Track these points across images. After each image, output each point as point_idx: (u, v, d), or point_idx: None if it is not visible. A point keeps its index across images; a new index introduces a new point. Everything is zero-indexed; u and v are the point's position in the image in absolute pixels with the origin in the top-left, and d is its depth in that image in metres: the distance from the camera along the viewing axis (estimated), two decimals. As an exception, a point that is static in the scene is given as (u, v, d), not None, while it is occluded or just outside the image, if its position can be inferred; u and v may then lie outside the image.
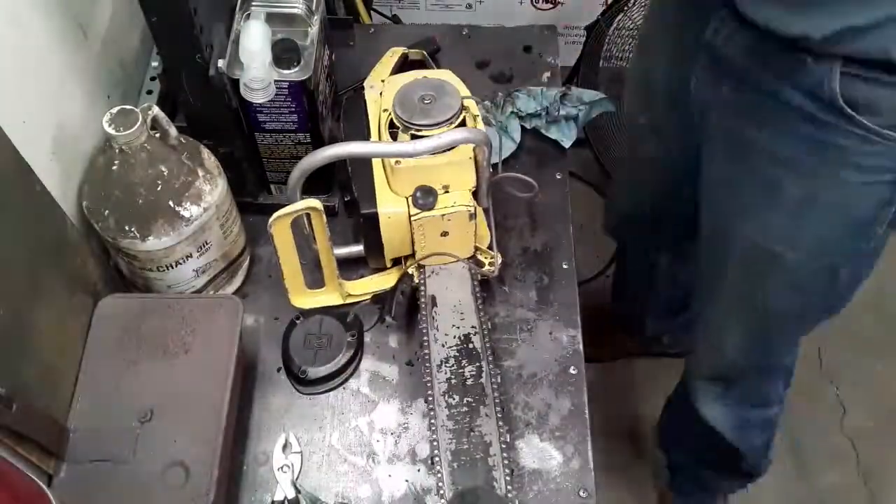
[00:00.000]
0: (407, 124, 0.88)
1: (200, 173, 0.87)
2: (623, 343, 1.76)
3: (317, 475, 0.87)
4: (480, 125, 0.92)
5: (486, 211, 0.97)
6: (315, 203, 0.85)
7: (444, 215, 0.89)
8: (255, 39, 0.84)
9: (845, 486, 1.69)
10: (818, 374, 1.81)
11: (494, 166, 0.94)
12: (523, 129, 1.12)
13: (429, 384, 0.85)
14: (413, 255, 0.94)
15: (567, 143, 1.12)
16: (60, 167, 0.85)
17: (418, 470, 0.88)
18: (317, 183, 0.96)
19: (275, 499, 0.85)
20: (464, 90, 0.91)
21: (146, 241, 0.84)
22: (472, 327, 0.89)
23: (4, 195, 0.73)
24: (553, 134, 1.12)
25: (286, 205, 0.85)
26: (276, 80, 0.87)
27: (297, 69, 0.89)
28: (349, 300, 0.97)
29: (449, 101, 0.88)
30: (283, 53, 0.88)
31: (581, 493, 0.86)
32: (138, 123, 0.79)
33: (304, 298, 0.96)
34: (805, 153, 0.85)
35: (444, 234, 0.91)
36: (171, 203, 0.84)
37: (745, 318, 1.10)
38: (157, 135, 0.84)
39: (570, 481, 0.87)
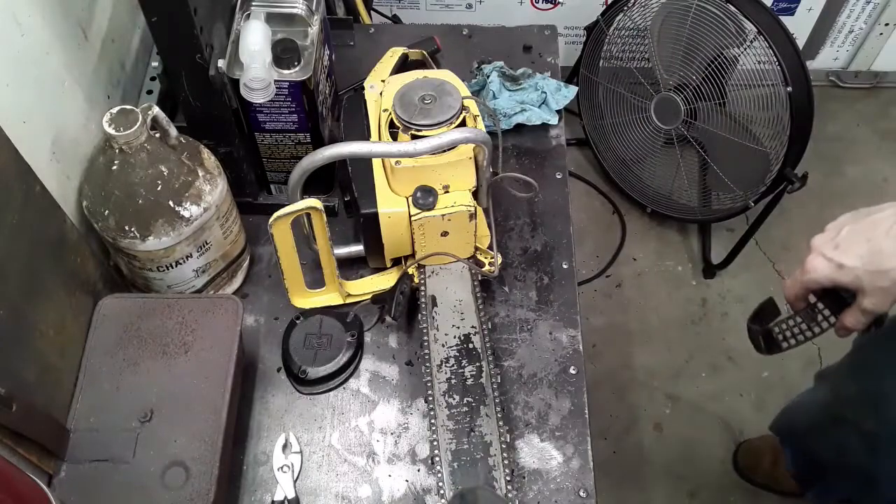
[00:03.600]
0: (407, 124, 0.88)
1: (200, 173, 0.87)
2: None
3: (317, 475, 0.87)
4: (480, 125, 0.92)
5: (486, 211, 0.97)
6: (315, 203, 0.85)
7: (444, 215, 0.89)
8: (255, 39, 0.84)
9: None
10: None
11: (495, 166, 0.94)
12: (507, 130, 1.12)
13: (429, 384, 0.85)
14: (413, 255, 0.94)
15: (554, 120, 1.13)
16: (60, 167, 0.85)
17: (418, 470, 0.88)
18: (317, 183, 0.96)
19: (275, 499, 0.85)
20: (464, 90, 0.91)
21: (146, 241, 0.84)
22: (472, 327, 0.89)
23: (4, 195, 0.73)
24: (535, 119, 1.12)
25: (286, 205, 0.85)
26: (276, 80, 0.87)
27: (297, 69, 0.89)
28: (349, 300, 0.97)
29: (449, 101, 0.89)
30: (283, 53, 0.88)
31: (581, 493, 0.86)
32: (138, 123, 0.79)
33: (304, 298, 0.96)
34: None
35: (444, 234, 0.91)
36: (171, 203, 0.84)
37: None
38: (157, 135, 0.84)
39: (570, 481, 0.87)
